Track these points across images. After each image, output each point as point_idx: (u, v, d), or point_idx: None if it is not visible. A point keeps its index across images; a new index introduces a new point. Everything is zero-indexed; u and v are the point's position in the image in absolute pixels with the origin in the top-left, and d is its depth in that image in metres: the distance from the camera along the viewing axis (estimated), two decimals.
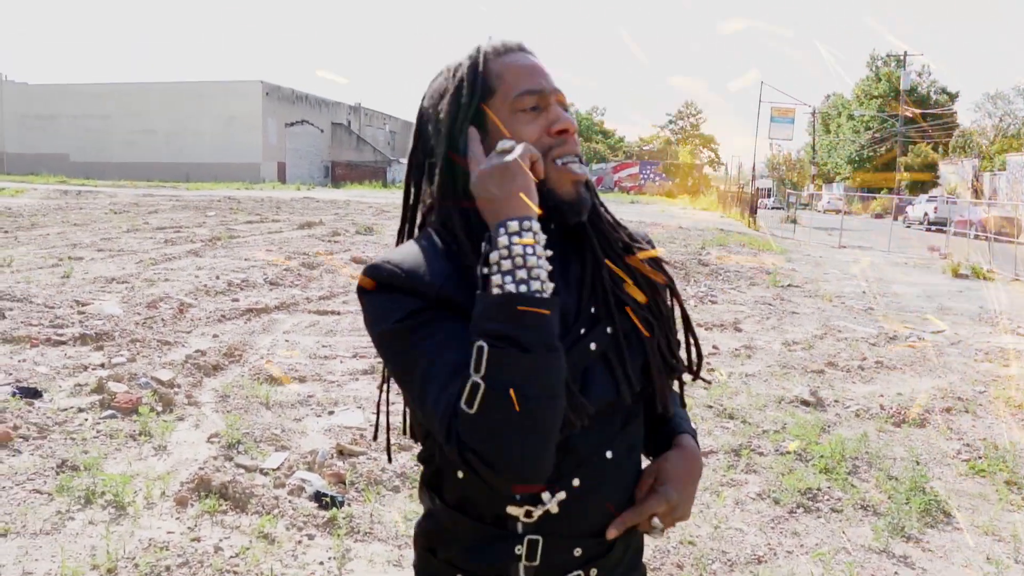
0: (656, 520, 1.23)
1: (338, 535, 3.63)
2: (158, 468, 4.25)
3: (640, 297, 1.27)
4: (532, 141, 1.18)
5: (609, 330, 1.22)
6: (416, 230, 1.34)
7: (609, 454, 1.22)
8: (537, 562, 1.19)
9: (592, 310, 1.22)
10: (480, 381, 1.03)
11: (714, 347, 8.12)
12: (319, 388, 5.72)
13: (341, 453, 4.51)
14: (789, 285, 13.40)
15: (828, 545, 3.88)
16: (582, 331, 1.20)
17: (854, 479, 4.73)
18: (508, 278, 1.06)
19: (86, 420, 4.85)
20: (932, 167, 52.18)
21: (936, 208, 35.33)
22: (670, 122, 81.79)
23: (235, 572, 3.24)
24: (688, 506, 1.27)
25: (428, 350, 1.11)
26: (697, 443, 1.35)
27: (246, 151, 52.45)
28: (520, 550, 1.19)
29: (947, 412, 6.27)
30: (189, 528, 3.61)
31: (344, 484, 4.15)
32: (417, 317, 1.13)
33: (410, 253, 1.19)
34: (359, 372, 6.17)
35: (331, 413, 5.24)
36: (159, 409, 5.07)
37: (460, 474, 1.22)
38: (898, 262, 19.67)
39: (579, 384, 1.17)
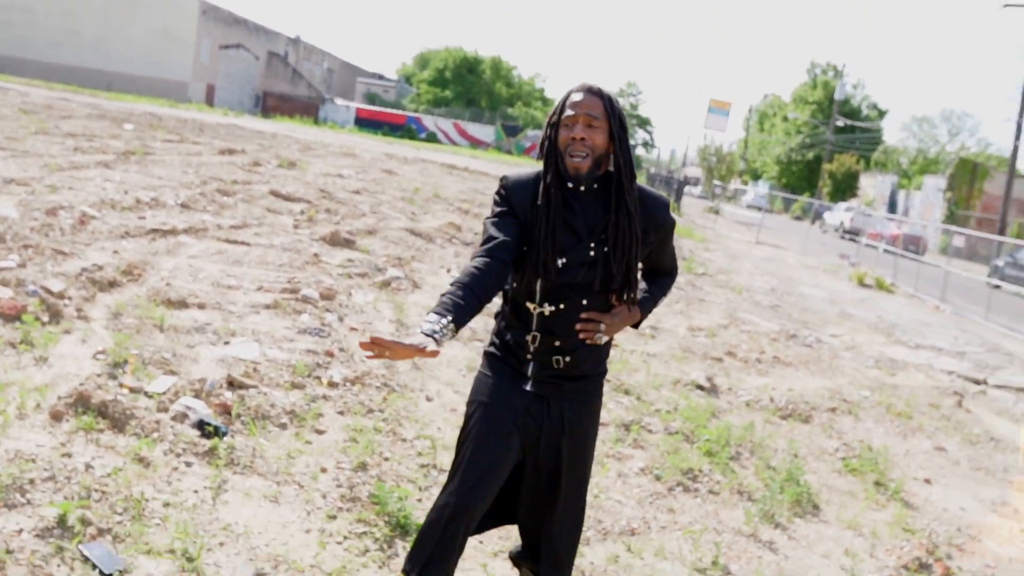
0: (602, 328, 2.39)
1: (216, 465, 3.55)
2: (36, 379, 4.08)
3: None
4: (562, 141, 2.34)
5: (605, 249, 2.33)
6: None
7: (585, 301, 2.37)
8: (536, 345, 2.40)
9: (602, 237, 2.34)
10: None
11: None
12: (218, 317, 5.57)
13: (232, 384, 4.40)
14: (703, 273, 13.68)
15: (701, 524, 4.00)
16: (591, 244, 2.33)
17: (735, 464, 4.88)
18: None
19: None
20: (854, 178, 53.86)
21: (852, 218, 36.54)
22: None
23: (104, 491, 3.14)
24: (615, 330, 2.43)
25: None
26: (652, 307, 2.58)
27: (175, 68, 50.31)
28: (533, 335, 2.40)
29: (832, 412, 6.53)
30: (61, 443, 3.48)
31: (230, 415, 4.06)
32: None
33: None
34: (261, 306, 6.03)
35: (227, 343, 5.11)
36: (45, 319, 4.85)
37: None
38: (809, 265, 20.29)
39: (581, 270, 2.33)
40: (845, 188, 53.56)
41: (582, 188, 2.33)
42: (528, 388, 2.41)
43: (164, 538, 2.95)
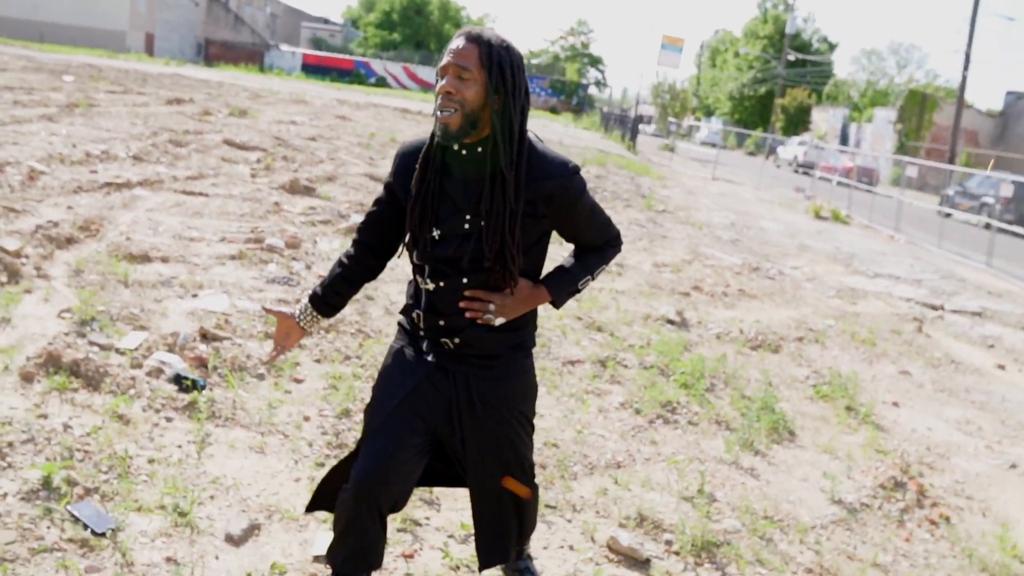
0: (491, 308, 2.12)
1: (198, 419, 3.49)
2: (1, 341, 3.96)
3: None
4: (437, 93, 2.02)
5: (481, 222, 2.05)
6: None
7: (465, 279, 2.11)
8: (423, 324, 2.20)
9: (476, 209, 2.06)
10: None
11: None
12: (183, 270, 5.44)
13: (204, 337, 4.32)
14: (663, 210, 13.72)
15: (684, 454, 4.06)
16: (467, 216, 2.06)
17: (711, 396, 4.95)
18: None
19: None
20: (806, 112, 54.19)
21: (805, 152, 36.81)
22: (561, 38, 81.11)
23: (86, 451, 3.07)
24: (512, 312, 2.16)
25: None
26: (572, 288, 2.27)
27: (110, 17, 48.46)
28: (417, 313, 2.21)
29: (799, 341, 6.64)
30: (35, 405, 3.39)
31: (206, 368, 3.99)
32: None
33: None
34: (226, 257, 5.90)
35: (195, 296, 5.00)
36: (3, 280, 4.70)
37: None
38: (765, 199, 20.47)
39: (454, 243, 2.08)
40: (798, 122, 53.89)
41: (460, 150, 2.04)
42: (429, 359, 2.21)
43: (153, 494, 2.91)
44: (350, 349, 4.65)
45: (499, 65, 2.00)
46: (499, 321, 2.13)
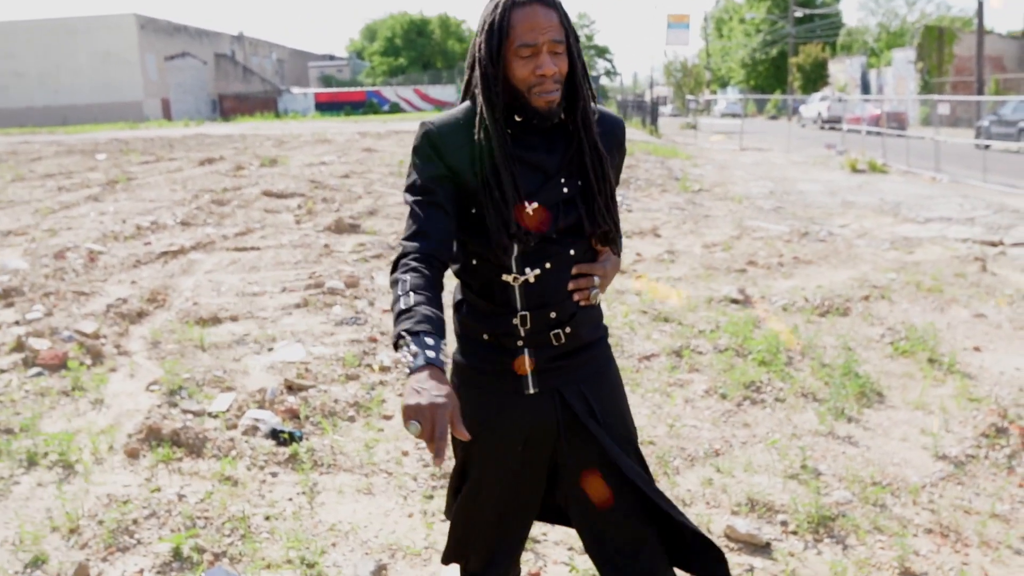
0: (595, 289, 1.88)
1: (302, 470, 3.58)
2: (99, 422, 4.09)
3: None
4: (523, 77, 1.76)
5: (579, 183, 1.85)
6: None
7: (572, 251, 1.85)
8: (528, 326, 1.85)
9: (572, 170, 1.85)
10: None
11: (637, 254, 8.25)
12: (254, 326, 5.57)
13: (290, 388, 4.42)
14: (700, 190, 13.65)
15: (779, 432, 4.05)
16: (562, 180, 1.83)
17: (791, 369, 4.92)
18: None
19: (11, 381, 4.61)
20: (822, 66, 53.45)
21: (829, 107, 36.33)
22: None
23: (206, 517, 3.16)
24: (609, 281, 1.95)
25: None
26: (619, 260, 2.01)
27: (126, 89, 49.56)
28: (523, 315, 1.84)
29: (865, 300, 6.56)
30: (146, 480, 3.51)
31: (299, 419, 4.08)
32: None
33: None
34: (291, 306, 6.02)
35: (271, 350, 5.11)
36: (88, 362, 4.85)
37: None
38: (798, 161, 20.24)
39: (554, 213, 1.82)
40: (816, 78, 53.19)
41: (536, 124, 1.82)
42: (530, 391, 1.88)
43: (278, 550, 2.99)
44: None
45: (570, 21, 1.83)
46: (601, 296, 1.93)
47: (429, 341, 1.56)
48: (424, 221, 1.78)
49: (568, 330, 1.87)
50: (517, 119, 1.81)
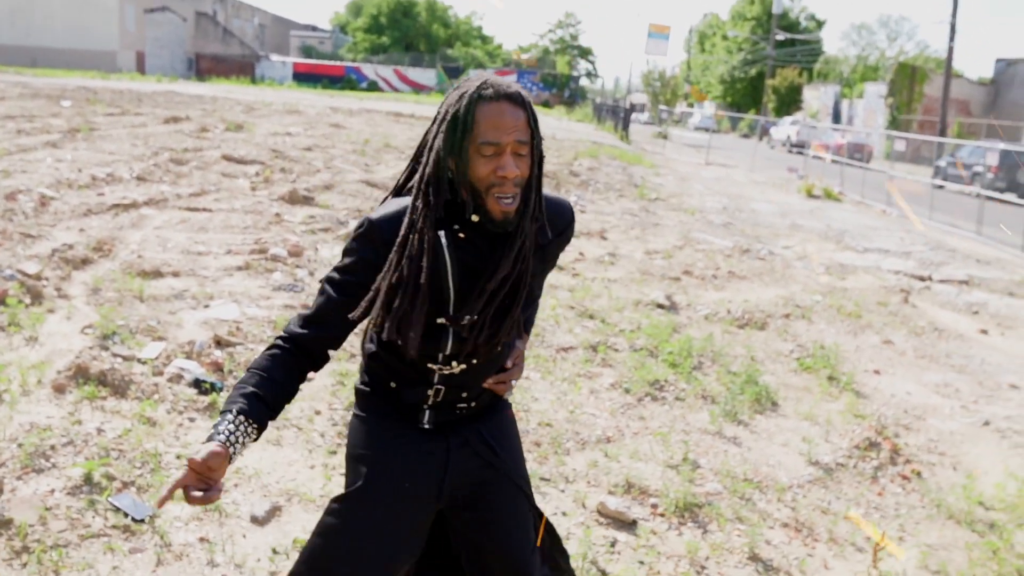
0: (513, 383, 1.96)
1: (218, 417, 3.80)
2: (31, 358, 4.27)
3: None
4: (482, 176, 1.69)
5: (476, 317, 1.78)
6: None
7: (499, 348, 1.86)
8: (439, 399, 1.88)
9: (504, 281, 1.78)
10: None
11: (580, 254, 8.54)
12: (193, 283, 5.76)
13: (219, 343, 4.63)
14: (656, 199, 14.00)
15: (669, 427, 4.36)
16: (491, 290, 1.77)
17: (698, 373, 5.24)
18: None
19: None
20: (797, 91, 54.36)
21: (798, 131, 37.05)
22: (550, 31, 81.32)
23: (120, 450, 3.38)
24: (521, 370, 1.99)
25: None
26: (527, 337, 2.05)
27: (100, 37, 48.80)
28: (436, 389, 1.87)
29: (786, 318, 6.92)
30: (69, 413, 3.70)
31: (222, 372, 4.30)
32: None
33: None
34: (233, 268, 6.21)
35: (207, 307, 5.31)
36: (27, 301, 5.01)
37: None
38: (758, 181, 20.73)
39: (443, 340, 1.79)
40: (789, 102, 54.07)
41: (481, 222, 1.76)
42: (425, 425, 1.91)
43: None
44: (354, 348, 4.95)
45: (536, 122, 1.77)
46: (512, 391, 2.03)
47: (227, 421, 1.68)
48: (322, 310, 1.78)
49: (473, 404, 1.93)
50: (474, 219, 1.74)
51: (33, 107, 16.28)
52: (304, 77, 54.56)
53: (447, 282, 1.76)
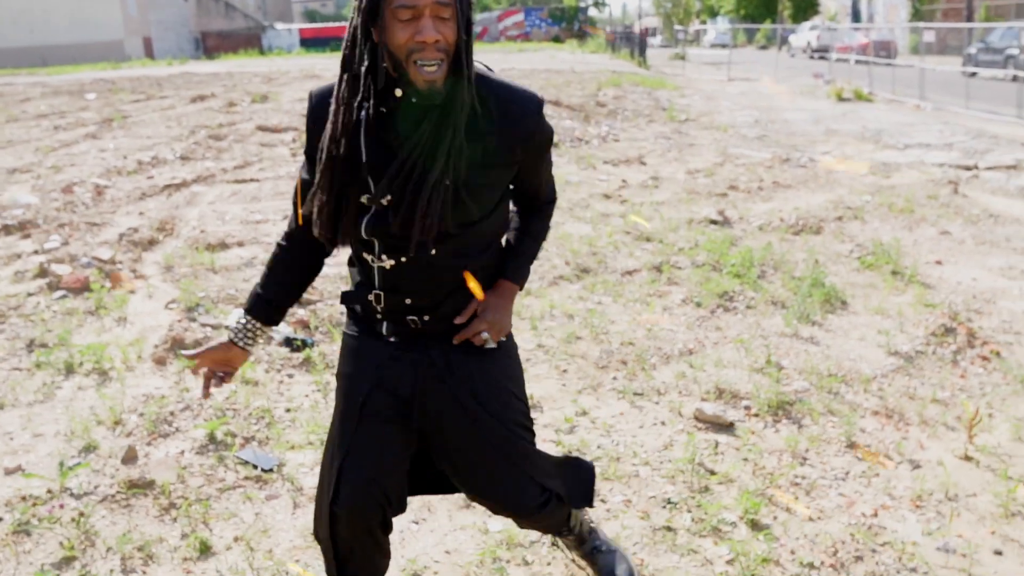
0: (484, 335, 1.84)
1: (316, 371, 3.97)
2: (126, 336, 4.45)
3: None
4: (400, 43, 1.57)
5: (447, 183, 1.66)
6: None
7: (433, 251, 1.72)
8: (383, 305, 1.81)
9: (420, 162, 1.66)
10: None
11: (623, 181, 8.57)
12: (259, 250, 5.91)
13: (299, 303, 4.78)
14: (686, 119, 13.89)
15: (747, 334, 4.44)
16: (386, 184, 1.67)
17: (763, 281, 5.30)
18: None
19: (39, 303, 4.95)
20: None
21: (818, 36, 36.16)
22: None
23: (234, 409, 3.56)
24: (505, 322, 1.87)
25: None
26: (527, 270, 1.97)
27: (106, 28, 48.82)
28: (376, 294, 1.81)
29: (839, 220, 6.93)
30: (175, 382, 3.89)
31: (309, 328, 4.46)
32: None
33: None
34: None
35: None
36: (108, 285, 5.19)
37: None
38: (785, 91, 20.39)
39: (360, 223, 1.71)
40: (806, 7, 52.72)
41: (411, 97, 1.64)
42: (391, 340, 1.86)
43: (299, 435, 3.39)
44: None
45: None
46: (494, 343, 1.88)
47: (233, 319, 1.86)
48: (296, 196, 1.84)
49: (427, 318, 1.82)
50: (397, 94, 1.63)
51: (60, 104, 16.48)
52: (312, 42, 54.25)
53: (360, 158, 1.68)
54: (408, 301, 1.79)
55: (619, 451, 3.25)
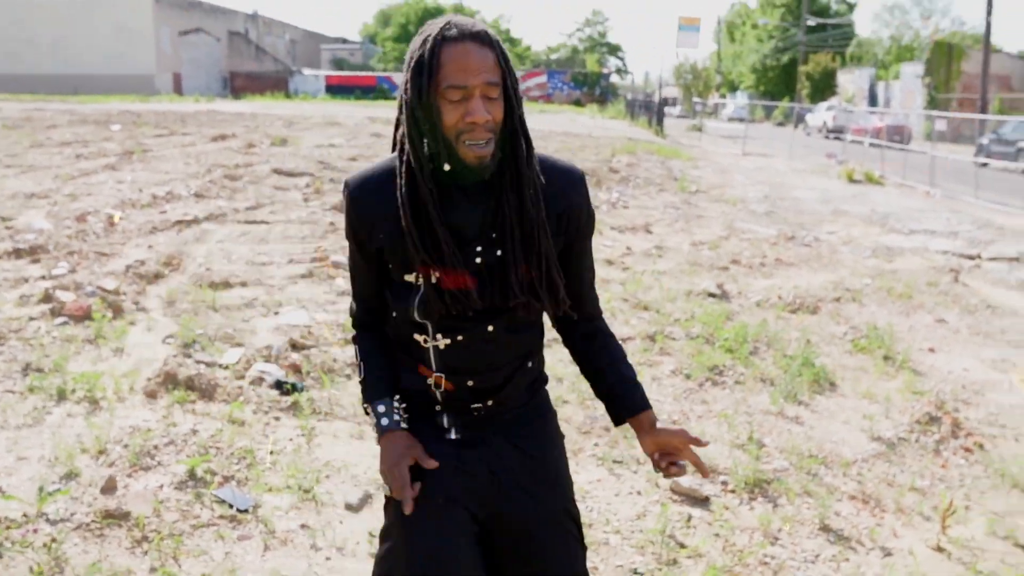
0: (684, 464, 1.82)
1: (303, 415, 4.02)
2: (121, 367, 4.52)
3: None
4: (451, 124, 1.55)
5: (499, 253, 1.64)
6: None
7: (490, 327, 1.68)
8: (442, 389, 1.72)
9: (492, 235, 1.63)
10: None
11: (627, 248, 8.67)
12: (262, 292, 6.00)
13: (294, 347, 4.85)
14: (697, 191, 14.06)
15: (733, 410, 4.48)
16: (478, 248, 1.63)
17: (754, 358, 5.35)
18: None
19: (40, 328, 5.04)
20: (831, 76, 53.78)
21: (834, 116, 36.70)
22: (578, 30, 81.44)
23: (217, 447, 3.60)
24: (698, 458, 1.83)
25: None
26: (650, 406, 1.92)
27: (138, 62, 49.91)
28: (437, 377, 1.71)
29: (837, 301, 6.99)
30: (163, 416, 3.94)
31: (301, 373, 4.52)
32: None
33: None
34: (297, 276, 6.46)
35: (277, 313, 5.55)
36: (110, 315, 5.28)
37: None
38: (798, 169, 20.63)
39: (469, 287, 1.63)
40: (824, 87, 53.53)
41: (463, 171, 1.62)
42: (452, 437, 1.75)
43: (279, 478, 3.43)
44: None
45: (510, 64, 1.64)
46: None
47: (381, 409, 1.71)
48: (356, 284, 1.79)
49: (491, 402, 1.74)
50: (447, 168, 1.61)
51: (84, 132, 16.83)
52: (337, 89, 55.27)
53: (438, 236, 1.62)
54: (470, 383, 1.71)
55: (592, 517, 3.27)
